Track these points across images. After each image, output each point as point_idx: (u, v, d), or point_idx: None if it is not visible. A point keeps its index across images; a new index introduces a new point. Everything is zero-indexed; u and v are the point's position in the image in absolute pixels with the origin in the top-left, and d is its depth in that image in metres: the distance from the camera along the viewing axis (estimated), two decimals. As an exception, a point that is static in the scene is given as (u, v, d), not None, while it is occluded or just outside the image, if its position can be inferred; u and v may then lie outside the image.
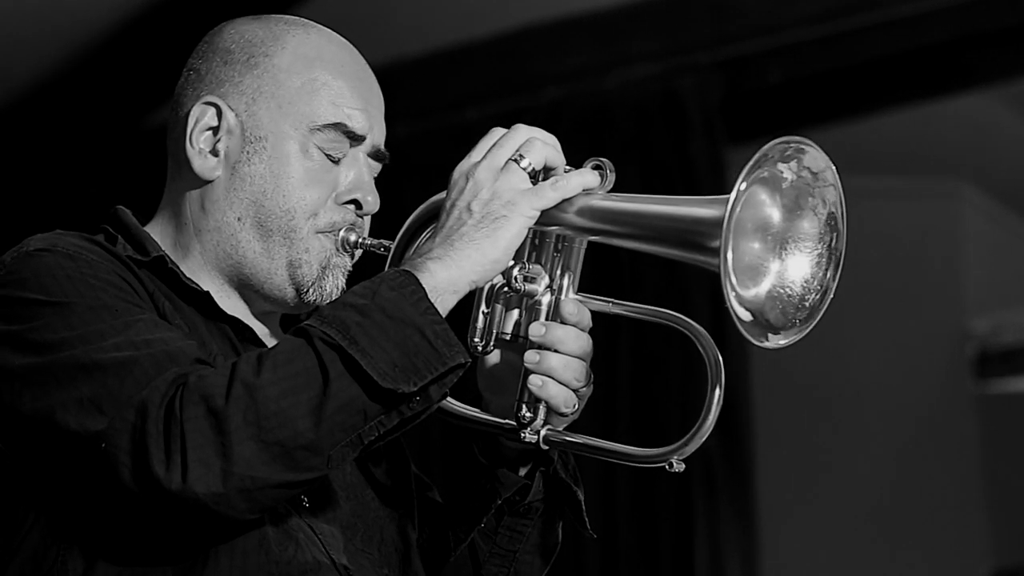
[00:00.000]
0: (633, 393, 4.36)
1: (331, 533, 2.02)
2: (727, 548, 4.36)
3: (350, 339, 1.85)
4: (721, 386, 1.94)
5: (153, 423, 1.81)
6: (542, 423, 2.03)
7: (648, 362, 4.36)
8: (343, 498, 2.08)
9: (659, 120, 4.71)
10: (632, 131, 4.72)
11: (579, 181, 2.02)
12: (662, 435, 3.55)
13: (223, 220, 2.09)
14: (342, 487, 2.08)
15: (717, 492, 4.30)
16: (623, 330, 4.35)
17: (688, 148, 4.67)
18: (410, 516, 2.16)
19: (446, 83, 5.02)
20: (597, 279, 2.25)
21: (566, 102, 4.80)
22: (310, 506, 2.01)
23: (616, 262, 4.31)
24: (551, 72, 4.87)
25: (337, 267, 2.12)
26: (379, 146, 2.16)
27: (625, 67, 4.78)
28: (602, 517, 4.32)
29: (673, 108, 4.70)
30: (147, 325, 1.91)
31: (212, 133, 2.10)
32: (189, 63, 2.17)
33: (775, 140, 1.88)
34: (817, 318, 1.93)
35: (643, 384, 4.37)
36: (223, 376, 1.83)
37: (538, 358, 2.01)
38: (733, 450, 4.31)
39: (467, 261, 1.94)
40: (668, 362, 4.33)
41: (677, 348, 4.29)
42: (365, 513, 2.10)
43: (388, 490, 2.15)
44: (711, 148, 4.67)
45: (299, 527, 1.98)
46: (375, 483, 2.14)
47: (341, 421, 1.83)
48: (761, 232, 1.94)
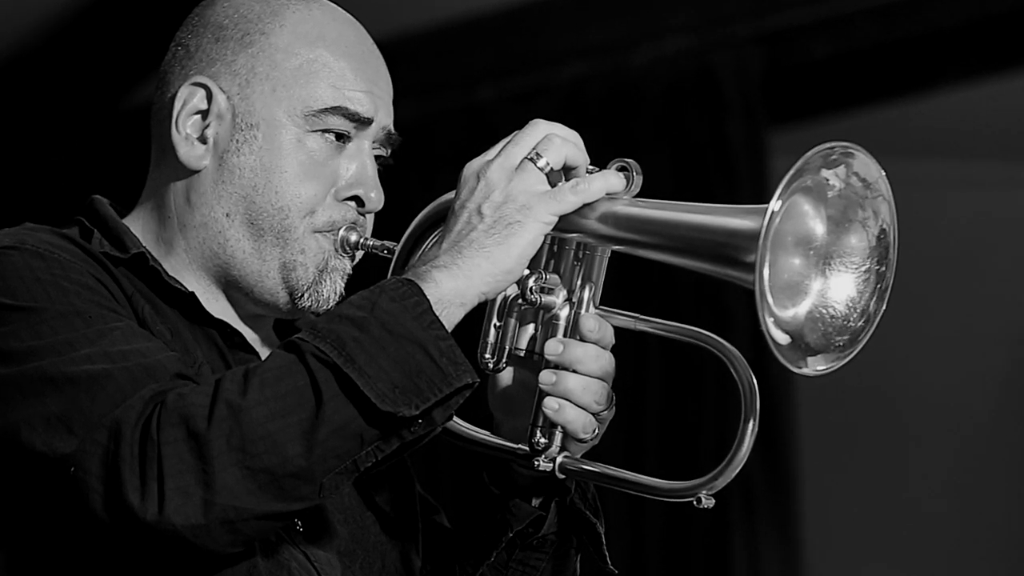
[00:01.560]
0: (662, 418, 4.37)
1: (328, 561, 2.02)
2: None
3: (346, 356, 1.84)
4: (756, 415, 1.94)
5: (127, 446, 1.81)
6: (558, 450, 2.03)
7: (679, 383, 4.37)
8: (340, 521, 2.08)
9: (692, 100, 4.71)
10: (662, 113, 4.72)
11: (602, 184, 2.01)
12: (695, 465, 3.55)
13: (210, 215, 2.09)
14: (339, 509, 2.09)
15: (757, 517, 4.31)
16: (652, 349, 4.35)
17: (725, 131, 4.67)
18: (414, 542, 2.16)
19: (455, 59, 5.02)
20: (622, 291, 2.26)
21: (589, 80, 4.80)
22: (304, 531, 2.01)
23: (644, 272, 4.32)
24: (572, 47, 4.87)
25: (336, 270, 2.11)
26: (388, 128, 2.14)
27: (655, 41, 4.78)
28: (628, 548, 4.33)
29: (708, 87, 4.70)
30: (124, 334, 1.90)
31: (201, 117, 2.10)
32: (177, 37, 2.16)
33: (817, 147, 1.88)
34: (860, 345, 1.93)
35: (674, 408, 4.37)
36: (205, 395, 1.83)
37: (554, 378, 2.01)
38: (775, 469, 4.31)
39: (476, 271, 1.93)
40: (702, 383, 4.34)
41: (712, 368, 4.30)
42: (365, 538, 2.10)
43: (390, 513, 2.15)
44: (750, 131, 4.67)
45: (292, 556, 1.98)
46: (375, 505, 2.14)
47: (335, 447, 1.83)
48: (803, 246, 1.94)
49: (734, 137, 4.66)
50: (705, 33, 4.74)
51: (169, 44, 2.16)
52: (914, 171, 5.12)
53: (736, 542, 4.36)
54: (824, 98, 4.81)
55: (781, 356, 1.89)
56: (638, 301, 2.67)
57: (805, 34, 4.68)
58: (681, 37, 4.76)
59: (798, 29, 4.67)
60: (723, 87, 4.70)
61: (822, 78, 4.78)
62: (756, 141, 4.66)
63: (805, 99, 4.81)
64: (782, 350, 1.89)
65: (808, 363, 1.91)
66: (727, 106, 4.68)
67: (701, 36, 4.74)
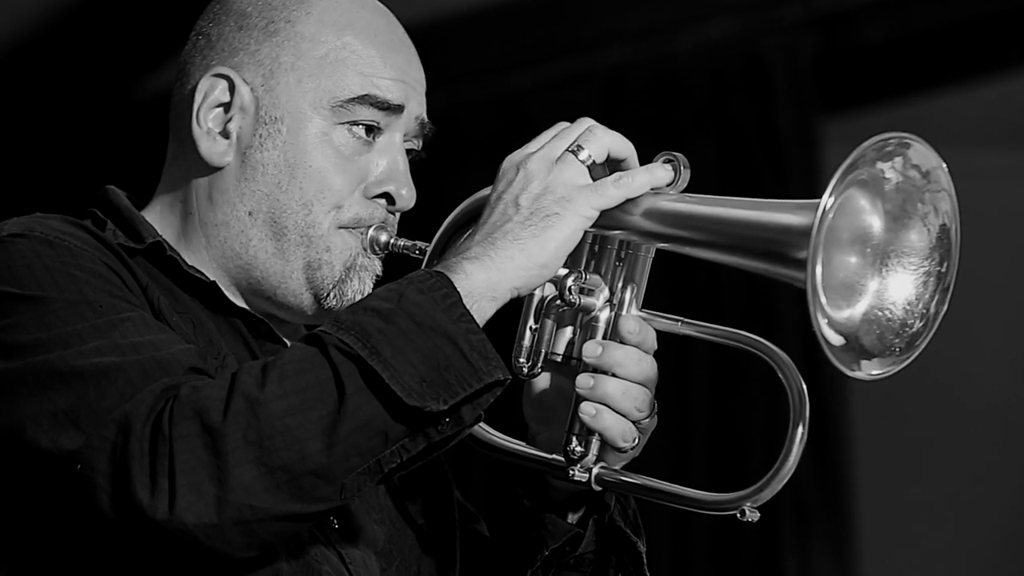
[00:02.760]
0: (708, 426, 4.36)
1: (363, 562, 2.03)
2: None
3: (371, 348, 1.85)
4: (805, 422, 1.94)
5: (137, 441, 1.81)
6: (595, 459, 2.04)
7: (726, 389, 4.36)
8: (377, 521, 2.08)
9: (739, 88, 4.70)
10: (707, 102, 4.72)
11: (646, 178, 2.01)
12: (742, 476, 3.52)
13: (232, 214, 2.10)
14: (375, 508, 2.09)
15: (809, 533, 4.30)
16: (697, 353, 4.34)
17: (773, 121, 4.66)
18: (451, 551, 2.16)
19: (487, 46, 5.03)
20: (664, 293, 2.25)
21: (630, 67, 4.80)
22: (340, 528, 2.01)
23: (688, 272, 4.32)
24: (611, 32, 4.87)
25: (364, 269, 2.12)
26: (421, 118, 2.15)
27: (699, 25, 4.77)
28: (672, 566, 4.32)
29: (756, 73, 4.69)
30: (135, 325, 1.91)
31: (223, 110, 2.11)
32: (198, 25, 2.17)
33: (871, 139, 1.87)
34: (919, 349, 1.92)
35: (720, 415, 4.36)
36: (221, 388, 1.83)
37: (592, 383, 2.01)
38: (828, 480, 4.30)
39: (509, 263, 1.94)
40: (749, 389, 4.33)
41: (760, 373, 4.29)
42: (402, 540, 2.11)
43: (428, 517, 2.16)
44: (800, 121, 4.66)
45: (323, 558, 1.98)
46: (412, 508, 2.15)
47: (358, 444, 1.84)
48: (859, 244, 1.93)
49: (783, 127, 4.65)
50: (752, 16, 4.73)
51: (187, 30, 2.17)
52: (978, 162, 5.09)
53: (787, 561, 4.35)
54: (880, 85, 4.80)
55: (834, 358, 1.89)
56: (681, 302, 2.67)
57: (859, 16, 4.66)
58: (727, 21, 4.76)
59: (852, 11, 4.66)
60: (772, 73, 4.69)
61: (878, 63, 4.76)
62: (807, 131, 4.64)
63: (859, 86, 4.80)
64: (835, 352, 1.89)
65: (863, 367, 1.91)
66: (776, 94, 4.67)
67: (748, 19, 4.73)
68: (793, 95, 4.67)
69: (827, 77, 4.72)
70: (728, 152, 4.67)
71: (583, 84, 4.84)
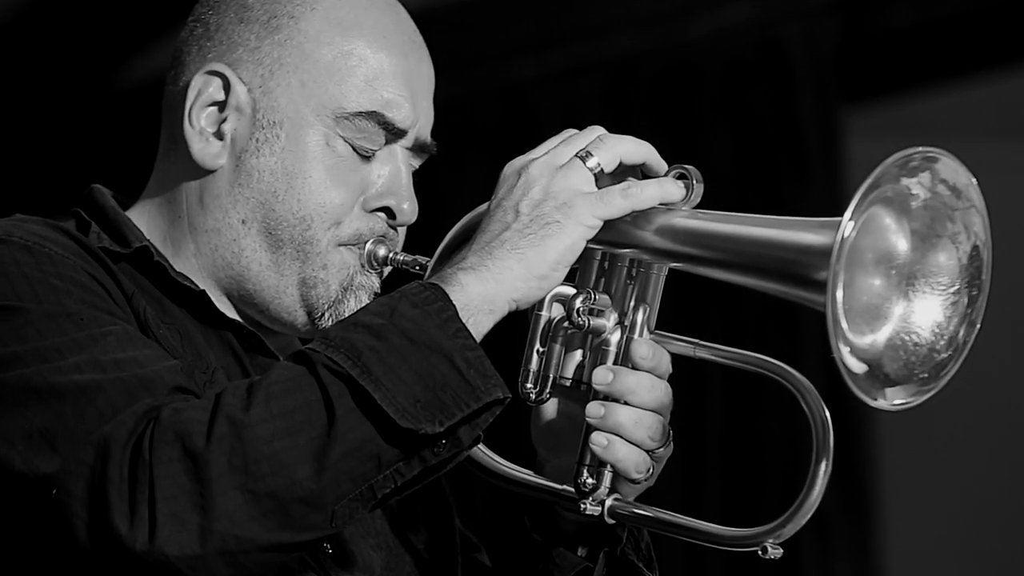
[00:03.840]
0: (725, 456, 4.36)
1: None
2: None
3: (362, 367, 1.86)
4: (829, 454, 1.95)
5: (116, 466, 1.82)
6: (607, 491, 2.04)
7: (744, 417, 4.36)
8: (374, 546, 2.09)
9: (757, 77, 4.71)
10: (723, 92, 4.72)
11: (656, 191, 2.01)
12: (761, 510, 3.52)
13: (224, 221, 2.12)
14: (371, 532, 2.10)
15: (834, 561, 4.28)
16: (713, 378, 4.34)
17: (794, 112, 4.66)
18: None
19: (489, 32, 5.03)
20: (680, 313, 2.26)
21: (641, 55, 4.80)
22: (333, 553, 2.03)
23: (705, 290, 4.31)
24: (621, 17, 4.87)
25: (361, 288, 2.14)
26: (424, 139, 2.16)
27: (714, 10, 4.78)
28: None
29: (775, 61, 4.70)
30: (118, 340, 1.92)
31: (217, 109, 2.12)
32: (196, 11, 2.17)
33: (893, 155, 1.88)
34: (946, 378, 1.93)
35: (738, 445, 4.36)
36: (204, 410, 1.84)
37: (603, 411, 2.02)
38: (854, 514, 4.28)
39: (507, 274, 1.95)
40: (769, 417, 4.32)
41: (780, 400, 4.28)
42: (399, 567, 2.12)
43: (428, 543, 2.17)
44: (823, 112, 4.67)
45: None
46: (411, 534, 2.16)
47: (349, 469, 1.85)
48: (883, 265, 1.94)
49: (805, 119, 4.65)
50: (771, 0, 4.73)
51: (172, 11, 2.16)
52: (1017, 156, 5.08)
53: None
54: (908, 73, 4.80)
55: (855, 386, 1.90)
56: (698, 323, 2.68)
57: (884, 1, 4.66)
58: (744, 5, 4.76)
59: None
60: (792, 62, 4.69)
61: (905, 50, 4.76)
62: (829, 123, 4.65)
63: (886, 74, 4.80)
64: (857, 379, 1.90)
65: (886, 395, 1.92)
66: (797, 83, 4.68)
67: (767, 4, 4.74)
68: (815, 84, 4.68)
69: (851, 65, 4.73)
70: (745, 146, 4.68)
71: (590, 74, 4.84)
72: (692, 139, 4.64)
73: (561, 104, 4.69)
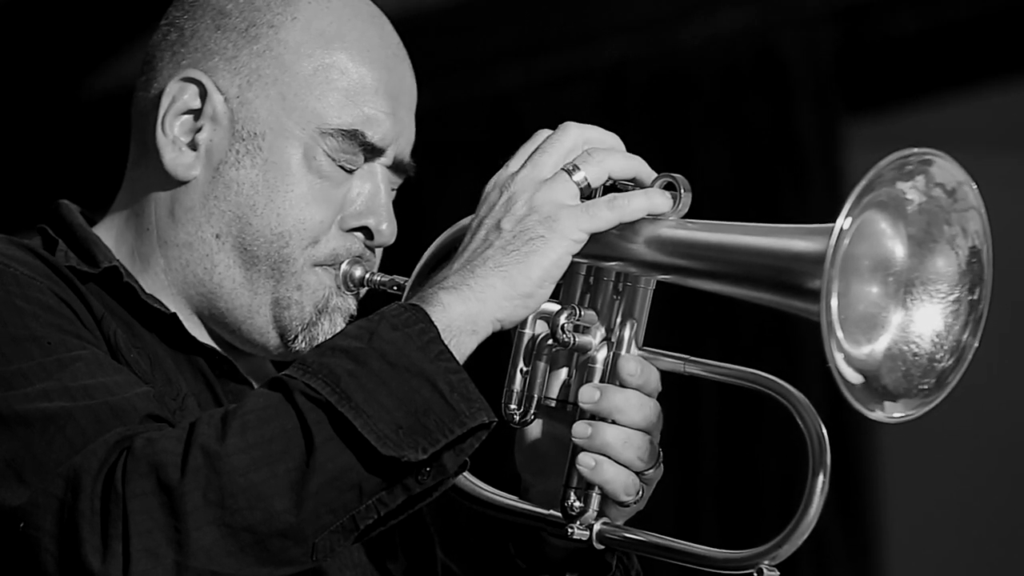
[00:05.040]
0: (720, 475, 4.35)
1: None
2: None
3: (341, 393, 1.86)
4: (826, 471, 1.96)
5: (87, 499, 1.83)
6: (595, 515, 2.05)
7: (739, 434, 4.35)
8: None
9: (754, 86, 4.72)
10: (719, 101, 4.73)
11: (643, 202, 2.02)
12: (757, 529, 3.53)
13: (197, 235, 2.13)
14: (350, 564, 2.11)
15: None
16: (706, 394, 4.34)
17: (793, 122, 4.68)
18: (432, 614, 2.18)
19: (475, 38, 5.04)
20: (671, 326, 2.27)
21: (633, 63, 4.82)
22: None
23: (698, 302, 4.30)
24: (613, 23, 4.89)
25: (337, 310, 2.15)
26: (403, 158, 2.18)
27: (709, 16, 4.79)
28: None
29: (772, 70, 4.71)
30: (88, 365, 1.92)
31: (192, 118, 2.13)
32: (170, 14, 2.18)
33: (888, 157, 1.89)
34: (948, 388, 1.94)
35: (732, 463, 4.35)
36: (178, 440, 1.85)
37: (590, 431, 2.02)
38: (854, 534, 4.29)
39: (490, 292, 1.95)
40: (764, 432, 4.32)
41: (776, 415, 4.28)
42: None
43: (408, 574, 2.17)
44: (822, 122, 4.68)
45: None
46: (390, 564, 2.16)
47: (329, 500, 1.85)
48: (879, 272, 1.95)
49: (803, 130, 4.67)
50: (768, 6, 4.75)
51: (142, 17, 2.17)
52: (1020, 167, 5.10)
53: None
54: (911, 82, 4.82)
55: (853, 398, 1.90)
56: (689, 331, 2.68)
57: (887, 6, 4.68)
58: (740, 11, 4.78)
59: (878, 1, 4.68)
60: (790, 70, 4.71)
61: (908, 58, 4.78)
62: (829, 134, 4.67)
63: (888, 84, 4.81)
64: (854, 391, 1.90)
65: (885, 408, 1.93)
66: (795, 93, 4.69)
67: (764, 9, 4.75)
68: (814, 94, 4.70)
69: (851, 74, 4.74)
70: (742, 159, 4.69)
71: (580, 82, 4.86)
72: (686, 151, 4.65)
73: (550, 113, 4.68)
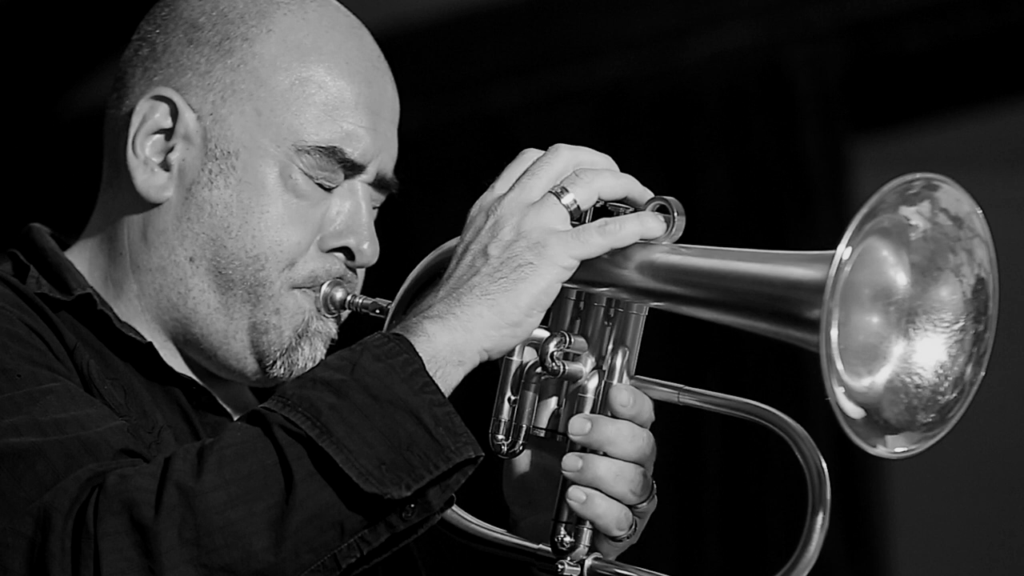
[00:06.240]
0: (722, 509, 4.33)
1: None
2: None
3: (321, 428, 1.87)
4: (826, 508, 1.97)
5: (57, 539, 1.83)
6: (587, 550, 2.05)
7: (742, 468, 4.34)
8: None
9: (758, 105, 4.73)
10: (721, 120, 4.74)
11: (636, 227, 2.03)
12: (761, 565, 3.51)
13: (170, 258, 2.14)
14: None
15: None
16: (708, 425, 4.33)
17: (798, 143, 4.69)
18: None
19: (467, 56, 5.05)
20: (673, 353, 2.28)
21: (633, 81, 4.83)
22: None
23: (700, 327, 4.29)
24: (612, 39, 4.90)
25: (317, 334, 2.16)
26: (385, 174, 2.19)
27: (712, 32, 4.81)
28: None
29: (777, 88, 4.72)
30: (60, 399, 1.93)
31: (163, 137, 2.14)
32: (142, 29, 2.19)
33: (892, 181, 1.90)
34: (952, 422, 1.94)
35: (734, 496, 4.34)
36: (152, 477, 1.85)
37: (581, 464, 2.03)
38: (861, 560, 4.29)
39: (477, 322, 1.96)
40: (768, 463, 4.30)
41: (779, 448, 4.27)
42: None
43: None
44: (828, 142, 4.69)
45: None
46: None
47: (310, 538, 1.86)
48: (881, 301, 1.96)
49: (809, 150, 4.68)
50: (773, 22, 4.77)
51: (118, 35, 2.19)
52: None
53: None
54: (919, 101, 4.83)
55: (853, 434, 1.91)
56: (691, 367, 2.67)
57: (897, 22, 4.70)
58: (744, 27, 4.79)
59: (888, 16, 4.69)
60: (796, 88, 4.72)
61: (916, 76, 4.79)
62: (836, 155, 4.68)
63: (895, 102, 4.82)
64: (854, 425, 1.91)
65: (887, 443, 1.94)
66: (800, 112, 4.70)
67: (769, 25, 4.77)
68: (820, 113, 4.70)
69: (859, 92, 4.75)
70: (745, 181, 4.69)
71: (577, 101, 4.87)
72: (687, 172, 4.66)
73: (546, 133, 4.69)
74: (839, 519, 3.47)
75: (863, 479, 4.26)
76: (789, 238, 4.63)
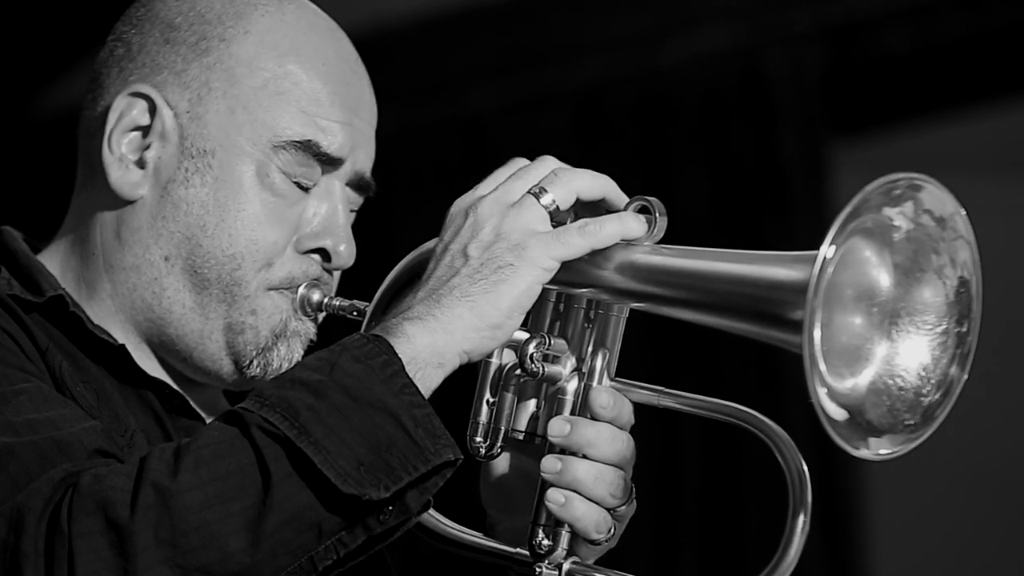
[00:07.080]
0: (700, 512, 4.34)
1: None
2: None
3: (299, 428, 1.87)
4: (807, 510, 1.97)
5: (31, 540, 1.83)
6: (565, 554, 2.05)
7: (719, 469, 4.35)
8: None
9: (737, 108, 4.74)
10: (700, 123, 4.75)
11: (616, 228, 2.03)
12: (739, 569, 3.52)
13: (144, 257, 2.13)
14: None
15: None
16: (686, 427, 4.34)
17: (777, 146, 4.70)
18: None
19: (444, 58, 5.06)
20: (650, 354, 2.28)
21: (611, 84, 4.84)
22: None
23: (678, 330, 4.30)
24: (590, 41, 4.91)
25: (295, 335, 2.16)
26: (363, 174, 2.19)
27: (690, 34, 4.82)
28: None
29: (756, 91, 4.73)
30: (32, 400, 1.92)
31: (140, 135, 2.14)
32: (117, 29, 2.19)
33: (876, 181, 1.90)
34: (935, 424, 1.94)
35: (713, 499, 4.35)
36: (128, 477, 1.85)
37: (560, 466, 2.03)
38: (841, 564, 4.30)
39: (457, 323, 1.96)
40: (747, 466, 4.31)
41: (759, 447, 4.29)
42: None
43: None
44: (808, 145, 4.70)
45: None
46: None
47: (287, 540, 1.86)
48: (864, 302, 1.96)
49: (788, 153, 4.69)
50: (752, 23, 4.78)
51: (92, 36, 2.19)
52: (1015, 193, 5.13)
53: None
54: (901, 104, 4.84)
55: (836, 435, 1.91)
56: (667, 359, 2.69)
57: (877, 24, 4.71)
58: (722, 28, 4.80)
59: (868, 18, 4.71)
60: (775, 91, 4.73)
61: (897, 79, 4.80)
62: (815, 158, 4.69)
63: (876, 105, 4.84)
64: (837, 427, 1.91)
65: (870, 445, 1.94)
66: (780, 115, 4.71)
67: (747, 27, 4.78)
68: (800, 116, 4.72)
69: (839, 95, 4.77)
70: (724, 184, 4.70)
71: (555, 103, 4.88)
72: (666, 175, 4.67)
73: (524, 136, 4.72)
74: (819, 522, 3.47)
75: (842, 481, 4.27)
76: (768, 241, 4.65)
